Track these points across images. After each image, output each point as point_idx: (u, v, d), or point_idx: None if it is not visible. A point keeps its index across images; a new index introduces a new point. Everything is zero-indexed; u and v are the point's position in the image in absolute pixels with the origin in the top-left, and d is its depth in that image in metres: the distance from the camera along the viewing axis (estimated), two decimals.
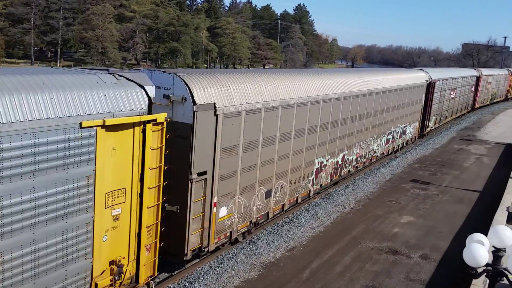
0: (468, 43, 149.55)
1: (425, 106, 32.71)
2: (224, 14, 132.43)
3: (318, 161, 18.73)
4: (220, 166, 12.82)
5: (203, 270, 13.12)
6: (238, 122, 13.23)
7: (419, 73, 31.61)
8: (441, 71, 39.50)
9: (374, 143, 24.49)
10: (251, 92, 13.78)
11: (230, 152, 13.20)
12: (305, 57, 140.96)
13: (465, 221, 18.75)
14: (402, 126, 28.60)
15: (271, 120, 14.77)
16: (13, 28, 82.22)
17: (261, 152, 14.62)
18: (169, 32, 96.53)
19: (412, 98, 29.52)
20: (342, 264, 14.22)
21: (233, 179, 13.55)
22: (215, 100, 12.28)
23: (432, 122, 35.73)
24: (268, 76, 15.23)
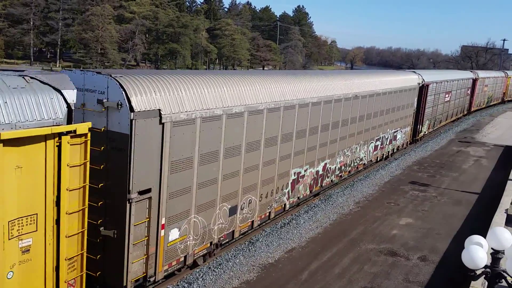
0: (467, 45, 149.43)
1: (418, 110, 31.09)
2: (224, 15, 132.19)
3: (295, 172, 16.85)
4: (169, 182, 10.97)
5: (202, 271, 13.06)
6: (192, 131, 11.41)
7: (410, 75, 29.62)
8: (435, 73, 37.83)
9: (361, 150, 22.67)
10: (209, 96, 11.94)
11: (182, 166, 11.33)
12: (304, 58, 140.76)
13: (463, 223, 18.72)
14: (392, 131, 26.79)
15: (235, 128, 12.91)
16: (12, 28, 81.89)
17: (223, 164, 12.73)
18: (168, 33, 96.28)
19: (403, 101, 27.68)
20: (341, 266, 14.20)
21: (187, 196, 11.69)
22: (161, 106, 10.44)
23: (426, 127, 34.14)
24: (233, 78, 13.37)
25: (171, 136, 10.81)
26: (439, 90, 35.27)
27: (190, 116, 11.29)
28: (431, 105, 34.13)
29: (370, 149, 23.97)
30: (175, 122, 10.87)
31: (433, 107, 34.97)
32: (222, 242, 13.79)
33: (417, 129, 32.00)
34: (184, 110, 11.13)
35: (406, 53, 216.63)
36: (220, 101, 12.31)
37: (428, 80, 31.66)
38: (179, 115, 10.96)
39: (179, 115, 10.97)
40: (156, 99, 10.44)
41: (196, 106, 11.50)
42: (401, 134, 28.82)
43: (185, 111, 11.16)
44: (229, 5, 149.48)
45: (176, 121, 10.89)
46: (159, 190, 10.80)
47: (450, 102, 40.73)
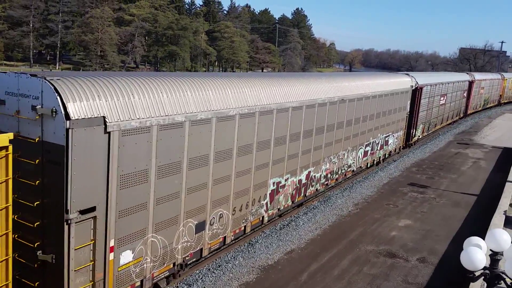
0: (465, 48, 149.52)
1: (411, 114, 29.73)
2: (223, 18, 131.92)
3: (274, 182, 15.42)
4: (118, 199, 9.60)
5: (201, 272, 13.03)
6: (147, 141, 10.05)
7: (403, 78, 28.19)
8: (429, 76, 35.84)
9: (349, 157, 21.28)
10: (168, 101, 10.58)
11: (136, 180, 9.95)
12: (303, 61, 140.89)
13: (462, 225, 18.71)
14: (383, 136, 25.33)
15: (200, 136, 11.55)
16: (12, 31, 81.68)
17: (186, 176, 11.32)
18: (168, 36, 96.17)
19: (395, 105, 26.15)
20: (340, 267, 14.19)
21: (142, 213, 10.31)
22: (107, 112, 9.11)
23: (420, 131, 32.73)
24: (199, 81, 11.92)
25: (119, 146, 9.44)
26: (433, 92, 33.88)
27: (144, 123, 9.90)
28: (425, 108, 32.71)
29: (359, 155, 22.62)
30: (125, 131, 9.51)
31: (427, 111, 33.58)
32: (188, 262, 12.37)
33: (410, 133, 30.60)
34: (137, 117, 9.77)
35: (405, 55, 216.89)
36: (182, 106, 10.95)
37: (421, 83, 30.45)
38: (129, 122, 9.58)
39: (130, 122, 9.59)
40: (100, 105, 9.08)
41: (152, 112, 10.14)
42: (393, 138, 27.33)
43: (138, 118, 9.79)
44: (228, 8, 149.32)
45: (126, 130, 9.54)
46: (106, 208, 9.40)
47: (446, 105, 39.34)
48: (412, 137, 31.27)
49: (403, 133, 29.27)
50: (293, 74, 21.27)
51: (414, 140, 32.19)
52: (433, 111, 35.26)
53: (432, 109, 34.74)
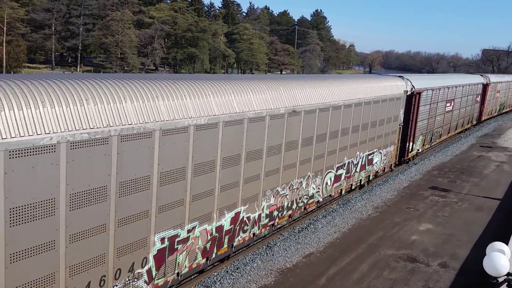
0: (488, 49, 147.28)
1: (406, 124, 25.21)
2: (242, 20, 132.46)
3: (162, 237, 10.45)
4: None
5: (219, 275, 13.06)
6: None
7: (393, 81, 23.00)
8: (430, 78, 30.97)
9: (310, 185, 16.58)
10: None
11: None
12: (322, 62, 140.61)
13: (485, 230, 18.39)
14: (365, 154, 20.62)
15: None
16: (35, 33, 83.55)
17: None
18: (187, 38, 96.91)
19: (382, 115, 21.46)
20: (360, 272, 14.07)
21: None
22: None
23: (419, 143, 28.03)
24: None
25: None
26: (436, 98, 29.35)
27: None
28: (426, 116, 28.23)
29: (327, 181, 17.79)
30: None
31: (429, 119, 28.91)
32: None
33: (405, 148, 25.77)
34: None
35: (426, 57, 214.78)
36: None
37: (419, 87, 25.73)
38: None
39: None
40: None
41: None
42: (380, 156, 22.47)
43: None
44: (247, 10, 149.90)
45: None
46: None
47: (454, 112, 34.67)
48: (409, 152, 26.41)
49: (395, 148, 24.27)
50: (217, 76, 13.74)
51: (412, 154, 27.44)
52: (436, 119, 30.61)
53: (435, 117, 30.19)
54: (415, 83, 25.30)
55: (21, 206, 7.49)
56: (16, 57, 73.01)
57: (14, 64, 72.46)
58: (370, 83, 20.77)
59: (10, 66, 71.78)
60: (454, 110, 34.68)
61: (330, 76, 21.80)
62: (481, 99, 43.43)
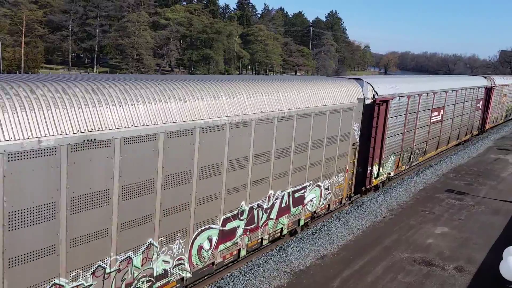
0: (505, 51, 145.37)
1: (366, 143, 19.17)
2: (257, 21, 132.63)
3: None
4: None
5: (233, 275, 13.05)
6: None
7: (341, 86, 16.59)
8: (405, 82, 23.57)
9: (157, 260, 10.10)
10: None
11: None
12: (337, 64, 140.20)
13: (502, 233, 18.10)
14: (287, 191, 14.29)
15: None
16: (52, 35, 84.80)
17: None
18: (202, 39, 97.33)
19: (319, 133, 15.13)
20: (374, 274, 13.95)
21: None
22: None
23: (390, 166, 21.84)
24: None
25: None
26: (415, 106, 23.20)
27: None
28: (400, 130, 22.12)
29: (195, 251, 11.25)
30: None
31: (406, 134, 22.76)
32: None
33: (367, 174, 19.73)
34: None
35: (442, 58, 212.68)
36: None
37: (386, 93, 19.81)
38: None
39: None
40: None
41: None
42: (318, 190, 16.06)
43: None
44: (262, 11, 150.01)
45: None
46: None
47: (444, 122, 28.37)
48: (372, 179, 20.19)
49: (348, 176, 18.10)
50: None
51: (380, 180, 21.28)
52: (417, 133, 24.42)
53: (415, 131, 23.99)
54: (379, 88, 19.29)
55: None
56: (34, 58, 74.13)
57: (32, 65, 73.54)
58: (310, 89, 14.61)
59: (28, 67, 72.85)
60: (445, 120, 28.33)
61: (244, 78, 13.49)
62: (484, 104, 37.41)
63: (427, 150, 26.88)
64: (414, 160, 25.17)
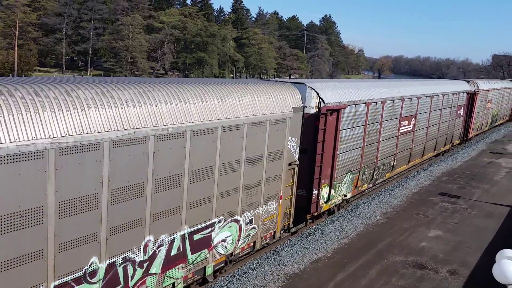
0: (498, 55, 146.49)
1: (312, 159, 15.77)
2: (251, 25, 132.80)
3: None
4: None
5: (226, 279, 13.00)
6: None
7: (274, 92, 13.35)
8: (362, 87, 19.27)
9: None
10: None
11: None
12: (331, 67, 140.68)
13: (495, 237, 18.14)
14: (192, 229, 10.92)
15: None
16: (46, 37, 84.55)
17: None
18: (196, 43, 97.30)
19: (234, 153, 11.75)
20: (368, 278, 13.96)
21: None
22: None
23: (346, 186, 18.46)
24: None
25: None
26: (377, 115, 19.93)
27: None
28: (359, 144, 18.82)
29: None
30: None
31: (366, 147, 19.47)
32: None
33: (311, 199, 16.11)
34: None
35: (436, 62, 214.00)
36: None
37: (336, 101, 16.46)
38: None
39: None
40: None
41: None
42: (235, 227, 12.57)
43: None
44: (257, 15, 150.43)
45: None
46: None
47: (418, 132, 25.24)
48: (320, 203, 16.62)
49: (283, 204, 14.52)
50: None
51: (331, 205, 17.74)
52: (381, 146, 21.01)
53: (378, 144, 20.60)
54: (326, 94, 16.00)
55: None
56: (27, 61, 73.87)
57: (25, 68, 73.26)
58: (190, 99, 10.38)
59: (21, 70, 72.57)
60: (417, 130, 25.10)
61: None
62: (466, 111, 34.23)
63: (396, 165, 23.30)
64: (379, 177, 21.67)
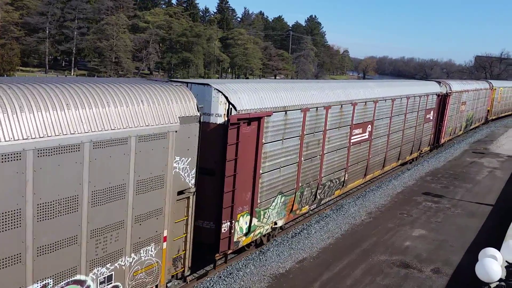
0: (480, 56, 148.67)
1: (220, 183, 12.23)
2: (237, 25, 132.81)
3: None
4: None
5: (212, 280, 12.97)
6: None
7: (145, 97, 9.63)
8: (296, 89, 15.41)
9: None
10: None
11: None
12: (316, 68, 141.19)
13: (477, 235, 18.40)
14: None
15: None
16: (28, 37, 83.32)
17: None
18: (181, 43, 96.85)
19: (73, 184, 8.25)
20: (353, 277, 14.04)
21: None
22: None
23: (276, 212, 14.83)
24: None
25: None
26: (318, 123, 16.34)
27: None
28: (293, 159, 15.19)
29: None
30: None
31: (304, 162, 15.83)
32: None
33: (220, 232, 12.42)
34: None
35: (419, 63, 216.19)
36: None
37: (258, 106, 13.03)
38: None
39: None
40: None
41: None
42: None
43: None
44: (242, 15, 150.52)
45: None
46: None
47: (376, 141, 21.89)
48: (234, 238, 12.99)
49: (170, 247, 10.80)
50: None
51: (254, 237, 14.19)
52: (326, 160, 17.42)
53: (321, 157, 16.99)
54: (240, 98, 12.51)
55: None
56: (9, 61, 72.72)
57: (7, 68, 72.17)
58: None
59: (3, 69, 71.48)
60: (375, 139, 21.75)
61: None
62: (437, 115, 31.49)
63: (348, 180, 19.87)
64: (325, 196, 18.17)
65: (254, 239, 14.52)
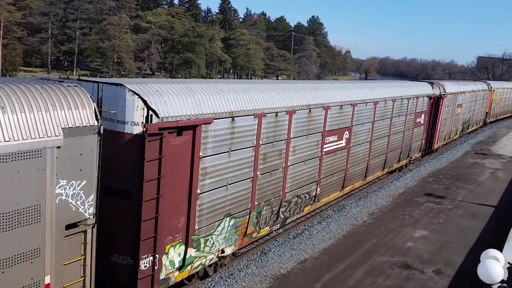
0: (483, 57, 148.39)
1: (137, 210, 9.66)
2: (239, 25, 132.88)
3: None
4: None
5: (213, 281, 12.97)
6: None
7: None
8: (250, 90, 12.91)
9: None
10: None
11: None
12: (318, 68, 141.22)
13: (479, 237, 18.34)
14: None
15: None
16: (31, 37, 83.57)
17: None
18: (183, 43, 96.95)
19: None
20: (354, 278, 14.01)
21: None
22: None
23: (223, 237, 12.49)
24: None
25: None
26: (279, 131, 13.95)
27: None
28: (246, 174, 12.85)
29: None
30: None
31: (262, 177, 13.55)
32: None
33: (141, 270, 9.95)
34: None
35: (421, 63, 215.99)
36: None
37: (193, 112, 10.59)
38: None
39: None
40: None
41: None
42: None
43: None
44: (244, 15, 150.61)
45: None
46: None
47: (356, 149, 19.58)
48: (160, 275, 10.56)
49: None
50: None
51: (191, 272, 11.84)
52: (292, 173, 15.16)
53: (284, 170, 14.68)
54: (166, 102, 10.14)
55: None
56: (12, 61, 72.98)
57: (10, 68, 72.38)
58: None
59: (6, 70, 71.65)
60: (354, 146, 19.39)
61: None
62: (429, 118, 29.25)
63: (321, 194, 17.48)
64: (291, 214, 15.87)
65: (193, 272, 11.99)
